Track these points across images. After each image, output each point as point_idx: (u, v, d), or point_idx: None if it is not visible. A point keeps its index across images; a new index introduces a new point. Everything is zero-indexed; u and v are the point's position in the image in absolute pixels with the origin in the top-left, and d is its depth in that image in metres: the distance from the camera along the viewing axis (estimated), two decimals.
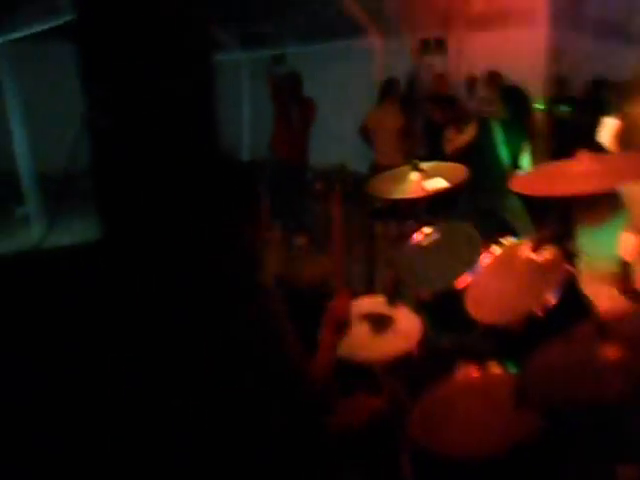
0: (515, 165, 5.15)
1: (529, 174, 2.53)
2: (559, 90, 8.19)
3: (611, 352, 1.84)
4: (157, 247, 1.81)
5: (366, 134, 7.45)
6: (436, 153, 6.49)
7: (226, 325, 1.99)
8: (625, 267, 2.43)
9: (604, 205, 2.53)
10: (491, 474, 2.08)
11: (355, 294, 3.21)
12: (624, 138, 2.68)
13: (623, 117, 2.73)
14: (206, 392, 2.04)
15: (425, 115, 7.98)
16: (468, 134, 5.61)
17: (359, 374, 2.75)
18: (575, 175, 2.37)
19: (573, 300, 2.51)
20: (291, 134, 7.26)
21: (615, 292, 2.44)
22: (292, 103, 7.22)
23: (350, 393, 2.49)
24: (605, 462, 2.11)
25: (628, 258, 2.44)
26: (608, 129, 3.07)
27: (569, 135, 7.35)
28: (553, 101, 8.17)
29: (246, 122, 9.59)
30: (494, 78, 7.61)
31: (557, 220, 2.73)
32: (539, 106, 6.05)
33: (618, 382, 1.79)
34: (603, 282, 2.48)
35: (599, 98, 7.85)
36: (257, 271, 2.18)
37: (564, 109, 7.87)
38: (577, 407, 1.96)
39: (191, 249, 1.98)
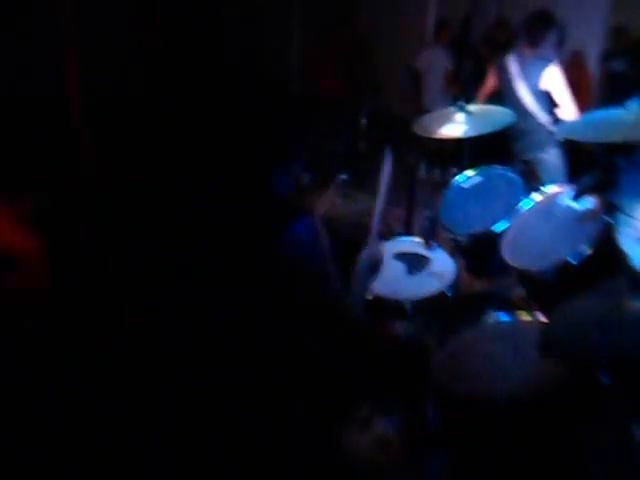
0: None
1: (577, 120, 2.48)
2: (616, 42, 7.89)
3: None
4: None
5: (414, 75, 7.31)
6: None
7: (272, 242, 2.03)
8: None
9: None
10: (508, 420, 2.09)
11: (394, 234, 3.23)
12: None
13: None
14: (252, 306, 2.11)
15: (476, 59, 7.77)
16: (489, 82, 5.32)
17: (391, 311, 2.77)
18: (623, 123, 2.33)
19: (608, 252, 2.48)
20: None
21: None
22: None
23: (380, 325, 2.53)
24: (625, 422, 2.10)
25: None
26: None
27: (621, 87, 7.13)
28: (608, 54, 7.89)
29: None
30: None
31: (601, 169, 2.68)
32: None
33: None
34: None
35: None
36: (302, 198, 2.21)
37: (617, 63, 7.61)
38: (602, 360, 1.95)
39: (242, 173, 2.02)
